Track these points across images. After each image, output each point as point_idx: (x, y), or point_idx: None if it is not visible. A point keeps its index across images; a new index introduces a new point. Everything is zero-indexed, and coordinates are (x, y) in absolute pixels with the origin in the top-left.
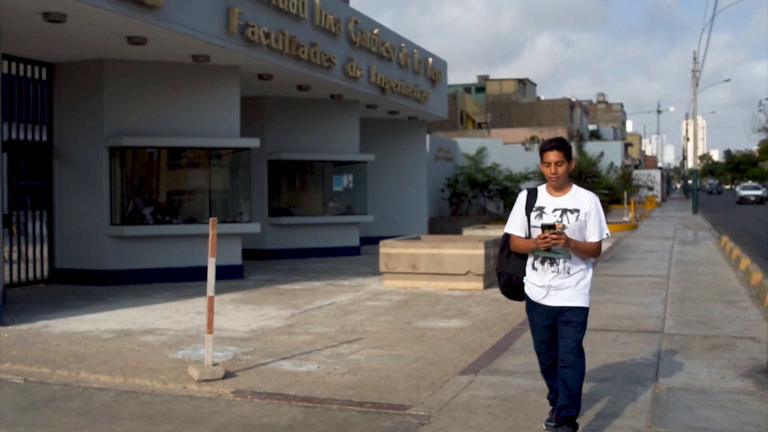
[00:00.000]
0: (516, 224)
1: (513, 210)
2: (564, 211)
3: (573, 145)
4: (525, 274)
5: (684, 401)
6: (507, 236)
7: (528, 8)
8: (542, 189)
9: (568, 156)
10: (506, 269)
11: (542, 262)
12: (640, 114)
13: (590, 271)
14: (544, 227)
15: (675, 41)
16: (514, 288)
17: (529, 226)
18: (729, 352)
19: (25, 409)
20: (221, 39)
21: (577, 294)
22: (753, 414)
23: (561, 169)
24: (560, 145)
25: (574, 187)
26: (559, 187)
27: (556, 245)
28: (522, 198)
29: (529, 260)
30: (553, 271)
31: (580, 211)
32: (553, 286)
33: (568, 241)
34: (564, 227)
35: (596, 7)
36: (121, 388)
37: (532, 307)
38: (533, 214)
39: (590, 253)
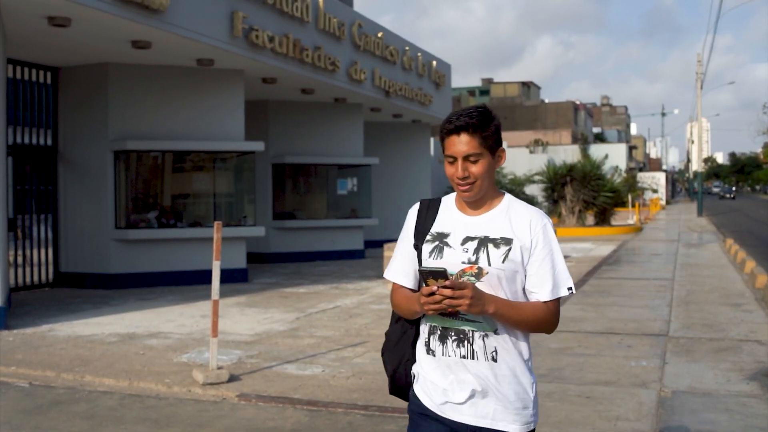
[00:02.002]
0: (398, 264)
1: (399, 238)
2: (483, 242)
3: (578, 147)
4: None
5: (689, 404)
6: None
7: (526, 11)
8: (449, 201)
9: (490, 143)
10: (393, 347)
11: (442, 339)
12: (644, 117)
13: (528, 354)
14: (426, 274)
15: (674, 43)
16: (397, 386)
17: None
18: (734, 355)
19: (30, 412)
20: (226, 43)
21: (511, 406)
22: (759, 417)
23: (477, 170)
24: (476, 122)
25: (507, 198)
26: (477, 199)
27: (453, 309)
28: (411, 217)
29: (422, 333)
30: (463, 356)
31: (514, 242)
32: (466, 396)
33: (481, 300)
34: (480, 272)
35: (594, 10)
36: (125, 392)
37: (421, 423)
38: (427, 247)
39: (534, 323)
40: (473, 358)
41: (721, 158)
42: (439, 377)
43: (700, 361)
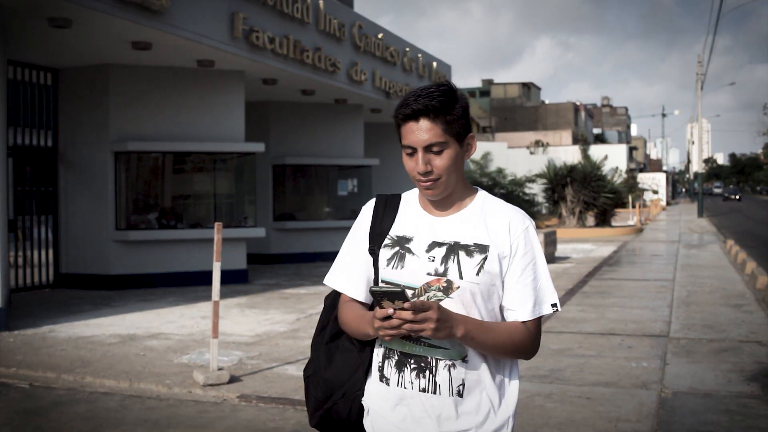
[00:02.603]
0: (344, 268)
1: (348, 238)
2: (453, 248)
3: (578, 148)
4: (362, 389)
5: (690, 405)
6: (332, 297)
7: (524, 12)
8: (410, 198)
9: (457, 129)
10: (324, 372)
11: (399, 366)
12: (644, 117)
13: (514, 385)
14: (379, 296)
15: (674, 44)
16: (336, 419)
17: (378, 280)
18: (735, 355)
19: (31, 413)
20: (226, 44)
21: None
22: (759, 418)
23: (442, 163)
24: (437, 105)
25: (481, 195)
26: (443, 198)
27: (415, 334)
28: (365, 215)
29: (375, 358)
30: (423, 389)
31: (490, 249)
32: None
33: (448, 323)
34: (449, 286)
35: (592, 10)
36: (126, 393)
37: None
38: (385, 254)
39: (510, 348)
40: (435, 393)
41: (721, 159)
42: (390, 411)
43: (700, 362)
